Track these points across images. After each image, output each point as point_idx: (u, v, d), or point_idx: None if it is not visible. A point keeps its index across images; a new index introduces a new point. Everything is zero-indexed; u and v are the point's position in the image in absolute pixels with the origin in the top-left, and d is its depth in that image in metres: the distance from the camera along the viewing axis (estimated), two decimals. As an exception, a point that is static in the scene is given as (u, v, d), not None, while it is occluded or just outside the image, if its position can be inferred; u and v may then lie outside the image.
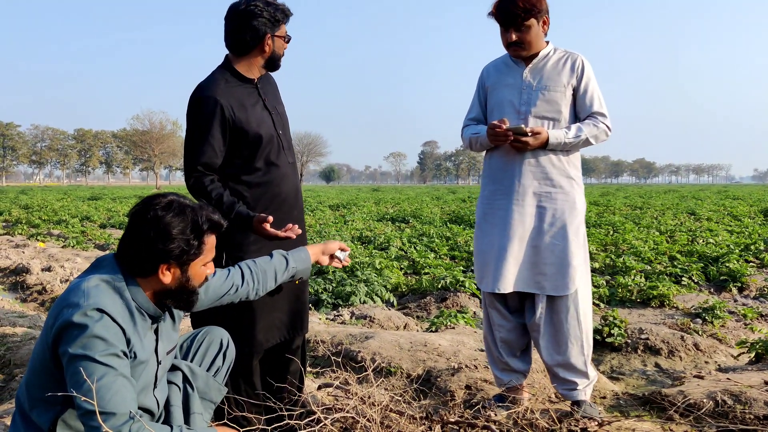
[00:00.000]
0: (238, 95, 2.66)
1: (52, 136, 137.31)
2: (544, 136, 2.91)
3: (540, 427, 2.48)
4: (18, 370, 3.80)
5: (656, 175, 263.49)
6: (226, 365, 2.43)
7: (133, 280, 1.98)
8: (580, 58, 3.03)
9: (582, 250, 3.02)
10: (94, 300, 1.86)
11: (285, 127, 2.87)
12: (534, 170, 2.97)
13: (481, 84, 3.22)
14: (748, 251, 9.16)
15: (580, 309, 3.00)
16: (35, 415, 1.93)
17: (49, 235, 13.11)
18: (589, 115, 3.02)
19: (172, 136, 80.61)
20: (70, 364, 1.80)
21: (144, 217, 1.97)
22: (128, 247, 1.98)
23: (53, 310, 1.92)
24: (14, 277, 7.56)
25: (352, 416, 2.34)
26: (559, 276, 2.95)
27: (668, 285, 6.49)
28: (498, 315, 3.13)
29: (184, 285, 2.04)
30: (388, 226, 14.36)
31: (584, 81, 3.01)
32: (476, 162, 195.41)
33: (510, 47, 3.01)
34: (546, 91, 2.99)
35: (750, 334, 5.00)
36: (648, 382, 3.91)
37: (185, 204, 2.02)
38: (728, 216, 16.80)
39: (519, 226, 2.97)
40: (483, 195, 3.17)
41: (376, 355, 3.93)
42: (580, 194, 3.05)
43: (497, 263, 2.98)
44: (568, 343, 2.98)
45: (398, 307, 6.31)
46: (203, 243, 2.02)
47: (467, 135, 3.19)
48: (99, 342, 1.81)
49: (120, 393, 1.81)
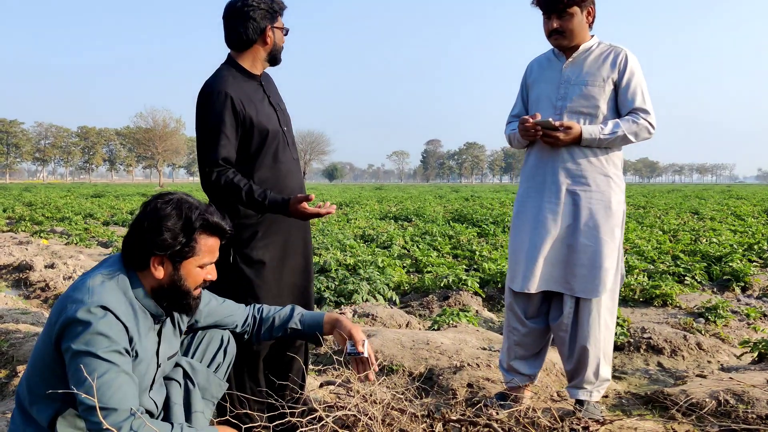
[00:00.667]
0: (246, 90, 2.67)
1: (55, 134, 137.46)
2: (577, 131, 2.82)
3: (542, 425, 2.48)
4: (21, 366, 3.80)
5: (660, 174, 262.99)
6: (227, 361, 2.43)
7: (134, 275, 2.00)
8: (624, 52, 2.91)
9: (616, 254, 2.92)
10: (98, 297, 1.87)
11: (288, 124, 2.89)
12: (568, 167, 2.89)
13: (525, 80, 3.17)
14: (751, 251, 9.15)
15: (606, 314, 2.94)
16: (35, 411, 1.93)
17: (53, 233, 13.13)
18: (630, 111, 2.90)
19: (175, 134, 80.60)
20: (72, 360, 1.81)
21: (146, 206, 2.02)
22: (129, 236, 2.03)
23: (57, 306, 1.93)
24: (17, 274, 7.57)
25: (354, 414, 2.34)
26: (589, 278, 2.87)
27: (671, 284, 6.48)
28: (515, 318, 3.09)
29: (176, 283, 2.03)
30: (391, 225, 14.35)
31: (627, 76, 2.88)
32: (479, 161, 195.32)
33: (551, 36, 2.91)
34: (584, 85, 2.89)
35: (753, 333, 4.99)
36: (650, 381, 3.90)
37: (188, 201, 2.03)
38: (732, 215, 16.77)
39: (551, 225, 2.90)
40: (519, 193, 3.11)
41: (378, 353, 3.93)
42: (617, 194, 2.94)
43: (527, 263, 2.93)
44: (589, 348, 2.93)
45: (401, 306, 6.31)
46: (193, 241, 2.01)
47: (508, 131, 3.14)
48: (102, 339, 1.82)
49: (122, 389, 1.81)
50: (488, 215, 15.71)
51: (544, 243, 2.90)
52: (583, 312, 2.92)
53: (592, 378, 2.98)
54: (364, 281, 6.51)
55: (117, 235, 12.61)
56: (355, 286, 6.31)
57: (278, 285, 2.75)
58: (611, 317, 2.98)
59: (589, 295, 2.88)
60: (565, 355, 3.03)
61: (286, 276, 2.78)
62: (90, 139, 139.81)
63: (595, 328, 2.92)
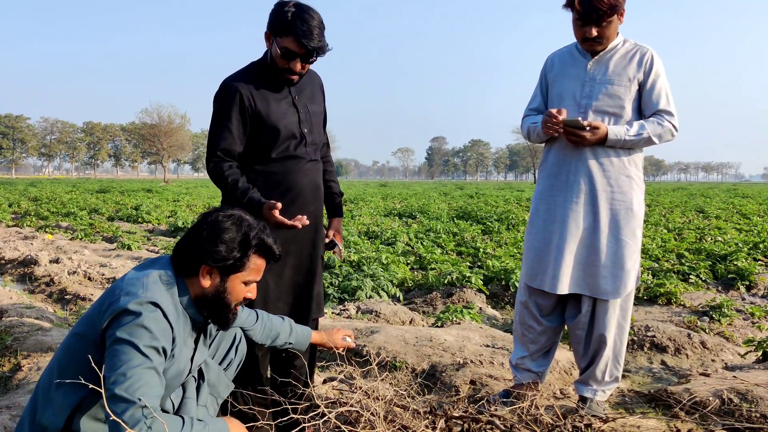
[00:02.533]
0: (263, 87, 2.69)
1: (61, 129, 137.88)
2: (603, 131, 2.79)
3: (544, 422, 2.47)
4: (25, 360, 3.82)
5: (665, 172, 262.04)
6: (237, 359, 2.45)
7: (182, 281, 2.06)
8: (650, 53, 2.87)
9: (637, 255, 2.91)
10: (151, 293, 1.93)
11: (314, 125, 2.84)
12: (592, 167, 2.86)
13: (544, 74, 3.11)
14: (756, 249, 9.12)
15: (621, 315, 2.94)
16: (61, 395, 1.95)
17: (58, 228, 13.18)
18: (654, 113, 2.88)
19: (180, 130, 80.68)
20: (112, 346, 1.85)
21: (207, 217, 2.10)
22: (184, 242, 2.09)
23: (106, 296, 1.97)
24: (22, 269, 7.60)
25: (357, 410, 2.34)
26: (610, 279, 2.86)
27: (675, 283, 6.46)
28: (530, 316, 3.07)
29: (220, 295, 2.09)
30: (395, 222, 14.35)
31: (652, 76, 2.85)
32: (483, 158, 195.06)
33: (586, 42, 2.85)
34: (609, 84, 2.85)
35: (757, 332, 4.98)
36: (654, 379, 3.90)
37: (247, 220, 2.11)
38: (737, 214, 16.72)
39: (574, 225, 2.88)
40: (538, 190, 3.06)
41: (381, 350, 3.93)
42: (638, 195, 2.93)
43: (556, 263, 2.89)
44: (604, 351, 2.93)
45: (404, 302, 6.31)
46: (247, 258, 2.08)
47: (526, 125, 3.10)
48: (145, 332, 1.87)
49: (148, 385, 1.84)
50: (492, 212, 15.70)
51: (571, 243, 2.88)
52: (600, 312, 2.92)
53: (600, 377, 2.98)
54: (368, 278, 6.52)
55: (122, 230, 12.66)
56: (359, 282, 6.31)
57: (278, 282, 2.73)
58: (625, 318, 2.98)
59: (610, 296, 2.86)
60: (580, 353, 3.03)
61: (287, 273, 2.76)
62: (95, 134, 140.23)
63: (611, 328, 2.92)
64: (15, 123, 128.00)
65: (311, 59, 2.64)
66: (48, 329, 4.42)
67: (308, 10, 2.57)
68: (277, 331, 2.54)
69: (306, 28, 2.53)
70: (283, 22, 2.55)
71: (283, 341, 2.55)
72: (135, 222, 15.44)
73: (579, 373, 3.10)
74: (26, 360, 3.83)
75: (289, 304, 2.79)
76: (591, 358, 2.99)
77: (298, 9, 2.56)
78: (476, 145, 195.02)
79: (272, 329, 2.53)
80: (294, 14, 2.54)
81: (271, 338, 2.53)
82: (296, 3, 2.59)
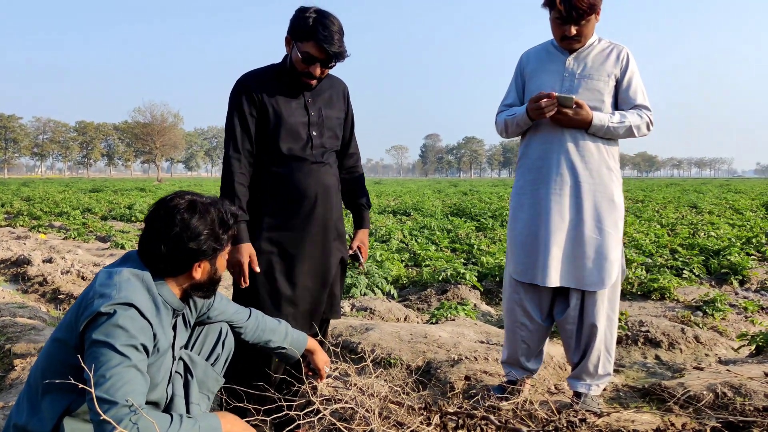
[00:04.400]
0: (275, 87, 2.73)
1: (53, 129, 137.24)
2: (587, 113, 2.83)
3: (539, 418, 2.48)
4: (18, 360, 3.80)
5: (658, 168, 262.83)
6: (224, 354, 2.43)
7: (159, 276, 2.04)
8: (625, 50, 2.96)
9: (620, 246, 2.94)
10: (125, 294, 1.90)
11: (325, 129, 2.83)
12: (575, 159, 2.89)
13: (520, 70, 3.14)
14: (749, 244, 9.16)
15: (610, 307, 2.96)
16: (48, 401, 1.94)
17: (51, 227, 13.12)
18: (633, 107, 2.95)
19: (173, 129, 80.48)
20: (89, 349, 1.83)
21: (170, 222, 2.00)
22: (157, 250, 2.00)
23: (83, 299, 1.95)
24: (15, 269, 7.57)
25: (351, 407, 2.34)
26: (595, 271, 2.88)
27: (669, 278, 6.48)
28: (523, 313, 3.06)
29: (212, 277, 2.14)
30: (390, 219, 14.35)
31: (628, 74, 2.94)
32: (477, 155, 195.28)
33: (564, 40, 2.92)
34: (589, 79, 2.92)
35: (751, 326, 5.00)
36: (648, 374, 3.91)
37: (205, 202, 2.08)
38: (730, 209, 16.79)
39: (559, 218, 2.90)
40: (519, 185, 3.07)
41: (376, 347, 3.93)
42: (618, 187, 2.97)
43: (545, 256, 2.90)
44: (593, 339, 2.94)
45: (399, 299, 6.31)
46: (231, 236, 2.13)
47: (503, 118, 3.10)
48: (121, 332, 1.84)
49: (130, 384, 1.82)
50: (486, 209, 15.72)
51: (557, 235, 2.89)
52: (588, 304, 2.93)
53: (592, 370, 2.98)
54: (362, 275, 6.51)
55: (115, 229, 12.61)
56: (353, 280, 6.31)
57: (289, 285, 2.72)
58: (614, 311, 2.99)
59: (596, 287, 2.88)
60: (572, 347, 3.03)
61: (299, 277, 2.74)
62: (88, 134, 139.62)
63: (601, 319, 2.93)
64: (7, 123, 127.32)
65: (331, 64, 2.68)
66: (41, 329, 4.40)
67: (329, 16, 2.62)
68: (270, 335, 2.48)
69: (327, 34, 2.58)
70: (304, 27, 2.60)
71: (276, 345, 2.49)
72: (128, 221, 15.40)
73: (571, 369, 3.10)
74: (19, 360, 3.81)
75: (299, 307, 2.78)
76: (583, 352, 2.99)
77: (319, 15, 2.61)
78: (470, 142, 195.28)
79: (265, 330, 2.48)
80: (315, 20, 2.59)
81: (263, 340, 2.48)
82: (317, 9, 2.63)
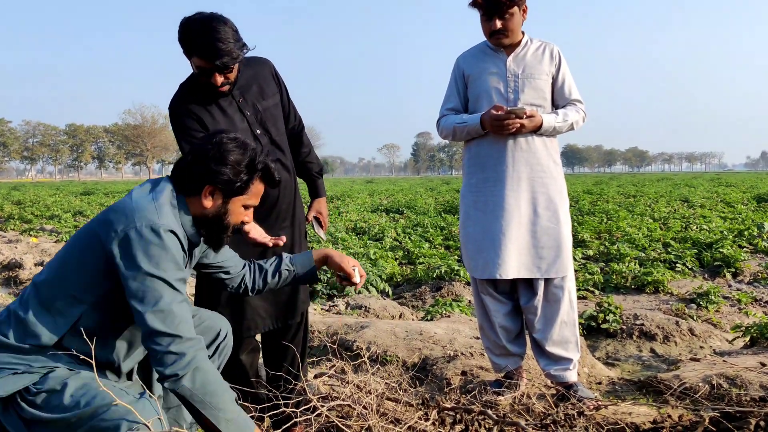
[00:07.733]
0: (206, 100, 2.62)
1: (43, 132, 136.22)
2: (539, 119, 2.96)
3: (536, 411, 2.48)
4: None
5: (649, 163, 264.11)
6: (218, 360, 2.37)
7: (183, 201, 2.03)
8: (556, 48, 3.11)
9: (570, 234, 3.10)
10: (167, 221, 1.92)
11: (268, 122, 2.75)
12: (526, 156, 3.01)
13: (459, 73, 3.21)
14: (741, 237, 9.20)
15: (572, 290, 3.09)
16: (58, 307, 1.91)
17: (42, 230, 13.03)
18: (568, 103, 3.12)
19: (164, 130, 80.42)
20: (141, 279, 1.85)
21: (210, 138, 2.05)
22: (186, 161, 2.05)
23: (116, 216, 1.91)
24: (7, 273, 7.52)
25: (348, 404, 2.33)
26: (557, 259, 3.01)
27: (663, 271, 6.51)
28: (493, 300, 3.15)
29: (221, 216, 2.08)
30: (383, 217, 14.34)
31: (562, 70, 3.10)
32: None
33: (492, 36, 3.02)
34: (532, 79, 3.05)
35: (744, 318, 5.02)
36: (643, 367, 3.92)
37: (251, 144, 2.10)
38: (721, 203, 16.87)
39: (515, 212, 2.99)
40: (471, 183, 3.16)
41: (371, 344, 3.93)
42: (563, 180, 3.14)
43: (497, 250, 2.99)
44: (563, 322, 3.04)
45: (393, 297, 6.31)
46: (252, 181, 2.08)
47: (449, 123, 3.15)
48: (172, 266, 1.89)
49: (186, 319, 1.89)
50: (480, 206, 15.71)
51: (511, 230, 2.99)
52: (556, 291, 3.04)
53: (557, 339, 3.06)
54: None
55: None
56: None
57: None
58: (572, 299, 3.11)
59: (559, 273, 3.01)
60: (536, 328, 3.08)
61: None
62: (78, 136, 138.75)
63: (567, 303, 3.05)
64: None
65: (226, 71, 2.52)
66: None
67: (208, 23, 2.42)
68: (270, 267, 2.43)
69: (207, 45, 2.40)
70: (185, 42, 2.47)
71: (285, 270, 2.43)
72: (120, 223, 15.30)
73: (542, 364, 3.13)
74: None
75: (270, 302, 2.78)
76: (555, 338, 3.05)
77: (197, 26, 2.43)
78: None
79: (262, 268, 2.44)
80: (194, 32, 2.42)
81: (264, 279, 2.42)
82: (197, 17, 2.45)
